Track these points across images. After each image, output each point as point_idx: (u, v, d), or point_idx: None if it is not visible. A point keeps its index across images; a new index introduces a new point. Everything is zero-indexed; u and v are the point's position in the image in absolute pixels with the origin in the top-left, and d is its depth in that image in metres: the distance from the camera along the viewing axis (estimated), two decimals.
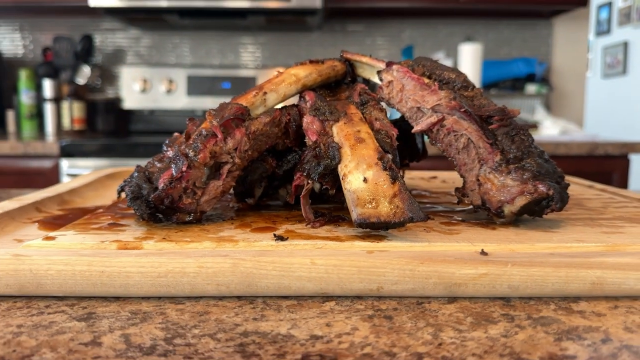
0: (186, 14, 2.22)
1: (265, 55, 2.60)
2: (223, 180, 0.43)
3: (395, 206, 0.38)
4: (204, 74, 2.51)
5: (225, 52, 2.59)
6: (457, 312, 0.32)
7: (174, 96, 2.50)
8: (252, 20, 2.31)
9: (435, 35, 2.55)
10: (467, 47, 2.06)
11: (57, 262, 0.33)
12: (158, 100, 2.50)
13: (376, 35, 2.56)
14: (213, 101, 2.49)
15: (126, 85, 2.48)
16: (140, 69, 2.47)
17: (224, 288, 0.33)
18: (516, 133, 0.45)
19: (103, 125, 2.44)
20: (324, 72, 0.51)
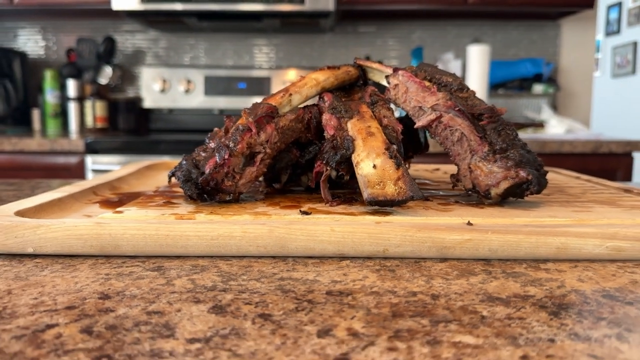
0: (204, 16, 2.31)
1: (279, 56, 2.69)
2: (257, 166, 0.52)
3: (399, 187, 0.47)
4: (220, 74, 2.61)
5: (241, 53, 2.69)
6: (446, 268, 0.41)
7: (192, 96, 2.60)
8: (267, 22, 2.40)
9: (444, 37, 2.62)
10: (475, 48, 2.14)
11: (130, 228, 0.42)
12: (176, 99, 2.60)
13: (387, 36, 2.64)
14: (229, 101, 2.59)
15: (146, 85, 2.58)
16: (159, 69, 2.57)
17: (262, 249, 0.42)
18: (502, 128, 0.53)
19: (124, 124, 2.54)
20: (339, 76, 0.60)
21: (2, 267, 0.41)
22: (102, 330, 0.29)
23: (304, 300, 0.34)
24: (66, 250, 0.42)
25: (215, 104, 2.60)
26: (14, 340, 0.28)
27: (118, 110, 2.53)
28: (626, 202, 0.56)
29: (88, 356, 0.26)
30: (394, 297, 0.34)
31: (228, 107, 2.58)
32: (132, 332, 0.29)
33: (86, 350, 0.26)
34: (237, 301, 0.33)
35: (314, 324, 0.30)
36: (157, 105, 2.59)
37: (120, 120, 2.54)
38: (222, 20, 2.38)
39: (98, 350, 0.26)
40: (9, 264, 0.41)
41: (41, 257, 0.43)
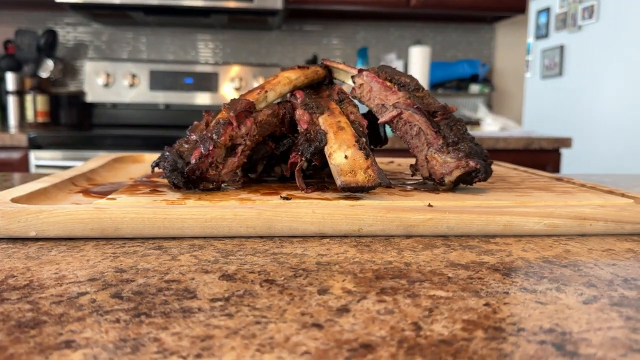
0: (151, 11, 2.30)
1: (226, 52, 2.70)
2: (238, 157, 0.57)
3: (368, 175, 0.53)
4: (165, 69, 2.59)
5: (187, 49, 2.68)
6: (412, 243, 0.47)
7: (137, 90, 2.58)
8: (215, 18, 2.41)
9: (387, 38, 2.72)
10: (416, 50, 2.24)
11: (130, 212, 0.46)
12: (121, 94, 2.57)
13: (332, 35, 2.71)
14: (175, 96, 2.58)
15: (89, 79, 2.54)
16: (103, 63, 2.53)
17: (251, 230, 0.47)
18: (454, 124, 0.61)
19: (66, 119, 2.49)
20: (309, 75, 0.65)
21: (8, 249, 0.44)
22: (130, 295, 0.33)
23: (299, 269, 0.39)
24: (67, 233, 0.46)
25: (160, 99, 2.59)
26: (55, 305, 0.32)
27: (60, 104, 2.48)
28: (559, 188, 0.65)
29: (127, 314, 0.30)
30: (374, 265, 0.40)
31: (174, 102, 2.58)
32: (158, 296, 0.33)
33: (123, 310, 0.31)
34: (241, 271, 0.38)
35: (313, 286, 0.35)
36: (101, 99, 2.55)
37: (63, 114, 2.49)
38: (169, 15, 2.37)
39: (134, 310, 0.31)
40: (15, 247, 0.44)
41: (43, 240, 0.46)
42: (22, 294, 0.33)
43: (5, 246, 0.44)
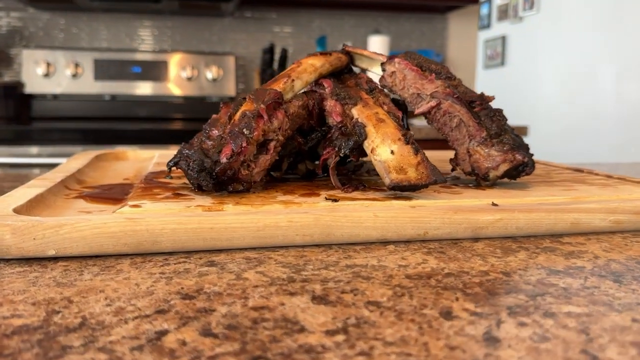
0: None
1: (176, 40, 2.58)
2: (270, 154, 0.50)
3: (420, 172, 0.48)
4: (112, 57, 2.44)
5: (135, 36, 2.54)
6: (485, 247, 0.43)
7: (80, 80, 2.41)
8: (166, 4, 2.29)
9: (342, 27, 2.68)
10: (375, 39, 2.22)
11: (170, 222, 0.39)
12: (63, 84, 2.40)
13: (287, 24, 2.64)
14: (122, 85, 2.44)
15: (27, 69, 2.35)
16: (42, 51, 2.35)
17: (308, 238, 0.41)
18: (493, 114, 0.57)
19: (1, 111, 2.29)
20: (333, 62, 0.59)
21: (27, 273, 0.36)
22: (225, 332, 0.27)
23: (394, 286, 0.34)
24: (95, 250, 0.38)
25: (106, 90, 2.43)
26: (137, 352, 0.25)
27: None
28: (595, 180, 0.62)
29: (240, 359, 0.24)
30: (472, 278, 0.36)
31: (121, 92, 2.43)
32: (260, 330, 0.27)
33: (232, 354, 0.25)
34: (331, 291, 0.33)
35: (429, 308, 0.30)
36: (41, 90, 2.36)
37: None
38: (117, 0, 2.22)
39: (244, 353, 0.25)
40: (34, 269, 0.36)
41: (64, 259, 0.39)
42: (86, 339, 0.26)
43: (21, 269, 0.36)
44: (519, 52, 4.09)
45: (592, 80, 3.39)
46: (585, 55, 3.45)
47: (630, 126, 3.18)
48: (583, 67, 3.47)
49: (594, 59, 3.39)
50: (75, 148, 1.95)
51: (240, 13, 2.58)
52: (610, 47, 3.25)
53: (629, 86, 3.19)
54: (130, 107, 2.47)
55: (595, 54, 3.38)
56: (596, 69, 3.37)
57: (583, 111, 3.52)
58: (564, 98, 3.60)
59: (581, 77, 3.46)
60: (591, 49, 3.40)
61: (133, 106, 2.47)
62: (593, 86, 3.35)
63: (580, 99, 3.52)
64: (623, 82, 3.22)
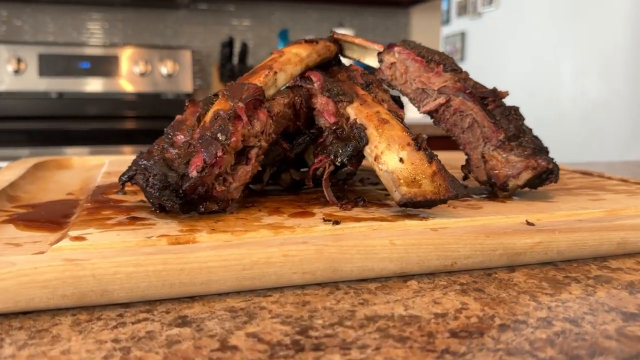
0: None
1: (127, 33, 2.43)
2: (252, 164, 0.41)
3: (437, 184, 0.40)
4: (58, 52, 2.28)
5: (83, 29, 2.37)
6: (527, 279, 0.35)
7: (23, 77, 2.24)
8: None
9: (305, 20, 2.59)
10: None
11: (124, 263, 0.29)
12: (4, 81, 2.22)
13: (245, 17, 2.53)
14: (70, 82, 2.28)
15: None
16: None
17: (309, 276, 0.32)
18: (509, 113, 0.49)
19: None
20: (321, 52, 0.50)
21: None
22: None
23: (441, 352, 0.25)
24: (22, 305, 0.28)
25: (52, 87, 2.26)
26: None
27: None
28: (617, 187, 0.55)
29: None
30: (536, 331, 0.27)
31: (68, 89, 2.26)
32: None
33: None
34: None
35: None
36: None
37: None
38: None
39: None
40: None
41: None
42: None
43: None
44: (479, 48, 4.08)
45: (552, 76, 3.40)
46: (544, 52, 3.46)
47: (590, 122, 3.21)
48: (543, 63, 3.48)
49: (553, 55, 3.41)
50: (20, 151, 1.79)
51: (195, 5, 2.45)
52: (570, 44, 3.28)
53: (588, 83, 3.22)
54: (79, 106, 2.30)
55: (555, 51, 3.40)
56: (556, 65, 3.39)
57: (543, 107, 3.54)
58: (523, 95, 3.61)
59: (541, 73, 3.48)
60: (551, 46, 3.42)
61: (82, 104, 2.30)
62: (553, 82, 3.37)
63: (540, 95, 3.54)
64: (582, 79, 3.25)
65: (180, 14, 2.44)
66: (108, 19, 2.37)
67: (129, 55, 2.30)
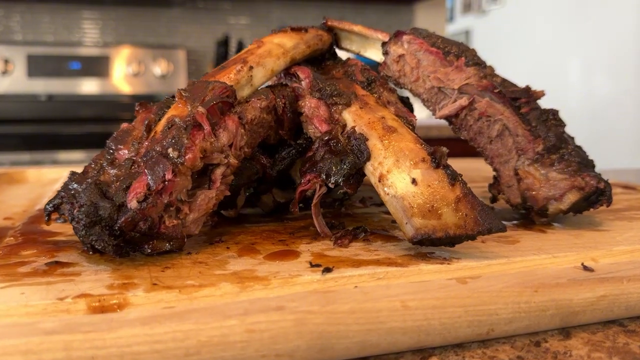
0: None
1: (120, 32, 2.33)
2: (216, 188, 0.31)
3: (463, 215, 0.30)
4: (47, 52, 2.18)
5: (72, 29, 2.28)
6: (591, 350, 0.25)
7: (11, 78, 2.15)
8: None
9: (304, 18, 2.49)
10: None
11: (9, 349, 0.19)
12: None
13: (243, 15, 2.44)
14: (59, 84, 2.18)
15: None
16: None
17: (285, 359, 0.22)
18: (547, 118, 0.39)
19: None
20: (311, 42, 0.40)
21: None
22: None
23: None
24: None
25: (41, 88, 2.16)
26: None
27: None
28: None
29: None
30: None
31: (57, 91, 2.17)
32: None
33: None
34: None
35: None
36: None
37: None
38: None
39: None
40: None
41: None
42: None
43: None
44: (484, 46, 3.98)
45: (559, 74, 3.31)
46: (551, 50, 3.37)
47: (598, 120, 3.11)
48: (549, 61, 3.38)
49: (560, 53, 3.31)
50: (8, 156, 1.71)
51: (192, 3, 2.35)
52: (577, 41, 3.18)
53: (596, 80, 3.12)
54: (71, 108, 2.20)
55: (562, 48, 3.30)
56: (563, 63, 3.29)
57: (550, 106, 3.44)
58: None
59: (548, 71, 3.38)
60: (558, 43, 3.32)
61: (73, 106, 2.20)
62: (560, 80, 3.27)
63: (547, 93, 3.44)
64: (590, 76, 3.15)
65: (175, 12, 2.34)
66: (100, 18, 2.28)
67: (121, 55, 2.21)
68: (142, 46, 2.26)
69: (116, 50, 2.22)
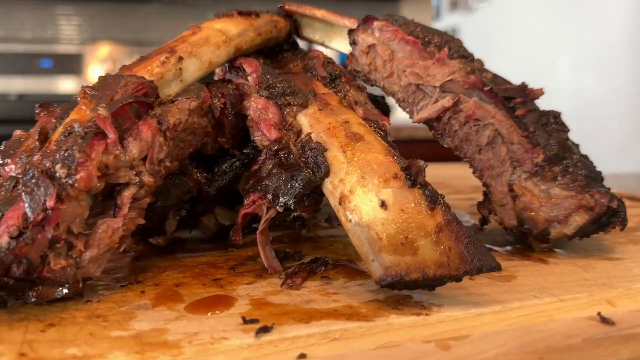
0: None
1: (94, 29, 2.24)
2: (123, 216, 0.24)
3: (446, 249, 0.23)
4: (16, 49, 2.09)
5: (45, 25, 2.19)
6: None
7: None
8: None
9: None
10: None
11: None
12: None
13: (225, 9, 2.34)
14: (30, 82, 2.09)
15: None
16: None
17: None
18: (547, 121, 0.32)
19: None
20: (262, 30, 0.33)
21: None
22: None
23: None
24: None
25: (10, 87, 2.07)
26: None
27: None
28: None
29: None
30: None
31: (29, 90, 2.07)
32: None
33: None
34: None
35: None
36: None
37: None
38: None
39: None
40: None
41: None
42: None
43: None
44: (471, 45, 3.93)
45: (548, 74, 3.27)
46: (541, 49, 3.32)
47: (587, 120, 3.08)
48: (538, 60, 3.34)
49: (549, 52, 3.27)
50: None
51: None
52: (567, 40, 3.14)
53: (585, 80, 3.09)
54: None
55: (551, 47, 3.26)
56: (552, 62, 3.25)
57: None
58: None
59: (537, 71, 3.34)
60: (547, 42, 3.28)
61: None
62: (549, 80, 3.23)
63: None
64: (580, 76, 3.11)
65: (152, 8, 2.26)
66: (75, 14, 2.19)
67: (95, 52, 2.12)
68: (117, 43, 2.17)
69: (91, 48, 2.13)
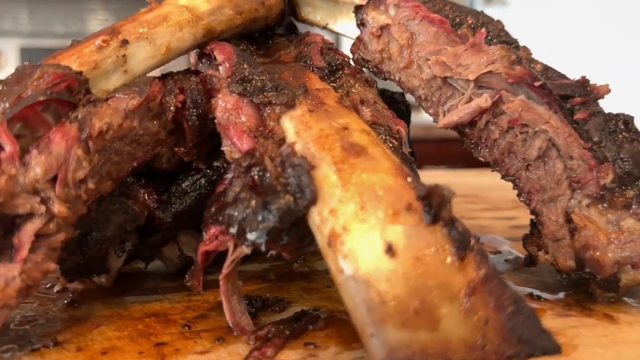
0: None
1: None
2: (22, 260, 0.17)
3: (480, 321, 0.15)
4: (43, 44, 2.10)
5: (70, 19, 2.19)
6: None
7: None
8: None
9: None
10: None
11: None
12: None
13: None
14: None
15: None
16: None
17: None
18: (615, 128, 0.24)
19: None
20: (244, 7, 0.26)
21: None
22: None
23: None
24: None
25: None
26: None
27: None
28: None
29: None
30: None
31: None
32: None
33: None
34: None
35: None
36: None
37: None
38: None
39: None
40: None
41: None
42: None
43: None
44: None
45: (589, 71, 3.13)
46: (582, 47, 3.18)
47: None
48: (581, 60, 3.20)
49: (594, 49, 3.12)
50: None
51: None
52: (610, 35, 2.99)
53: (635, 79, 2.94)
54: None
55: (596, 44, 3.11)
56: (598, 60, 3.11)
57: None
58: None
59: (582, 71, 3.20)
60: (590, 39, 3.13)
61: None
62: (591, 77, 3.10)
63: None
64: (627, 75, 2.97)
65: None
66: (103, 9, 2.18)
67: None
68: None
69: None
